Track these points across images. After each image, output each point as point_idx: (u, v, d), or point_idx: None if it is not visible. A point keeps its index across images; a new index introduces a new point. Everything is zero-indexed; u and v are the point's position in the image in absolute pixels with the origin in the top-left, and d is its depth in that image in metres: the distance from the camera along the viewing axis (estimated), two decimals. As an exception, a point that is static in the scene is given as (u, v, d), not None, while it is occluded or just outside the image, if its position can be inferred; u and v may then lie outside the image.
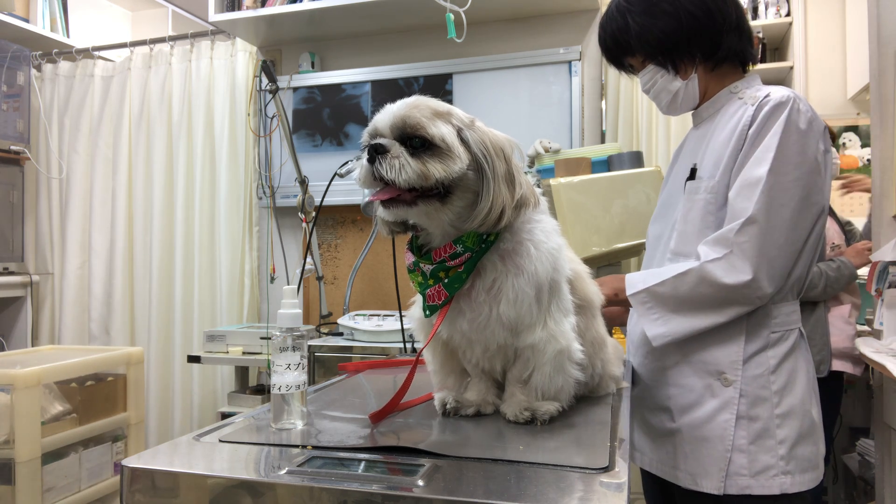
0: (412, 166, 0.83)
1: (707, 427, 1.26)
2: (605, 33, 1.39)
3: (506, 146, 0.90)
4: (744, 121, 1.24)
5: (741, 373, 1.25)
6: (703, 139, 1.36)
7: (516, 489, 0.66)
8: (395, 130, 0.86)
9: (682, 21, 1.30)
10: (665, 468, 1.34)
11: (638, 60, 1.39)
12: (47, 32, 3.72)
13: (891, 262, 1.98)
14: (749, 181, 1.19)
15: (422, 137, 0.85)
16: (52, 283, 3.64)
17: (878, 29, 2.05)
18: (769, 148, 1.18)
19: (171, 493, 0.74)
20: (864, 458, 2.47)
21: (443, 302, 0.91)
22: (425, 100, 0.89)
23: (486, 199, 0.86)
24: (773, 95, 1.22)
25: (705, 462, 1.25)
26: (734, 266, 1.17)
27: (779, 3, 3.34)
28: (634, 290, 1.26)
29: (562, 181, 2.18)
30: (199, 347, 3.17)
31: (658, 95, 1.40)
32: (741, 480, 1.22)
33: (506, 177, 0.88)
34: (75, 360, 2.29)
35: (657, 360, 1.35)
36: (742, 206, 1.19)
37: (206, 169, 3.36)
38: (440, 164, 0.84)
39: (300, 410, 0.91)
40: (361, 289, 3.19)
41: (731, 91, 1.35)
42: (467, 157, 0.87)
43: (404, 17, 3.06)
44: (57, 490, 2.19)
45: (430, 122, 0.85)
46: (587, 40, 3.00)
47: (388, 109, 0.88)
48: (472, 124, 0.90)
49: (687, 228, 1.30)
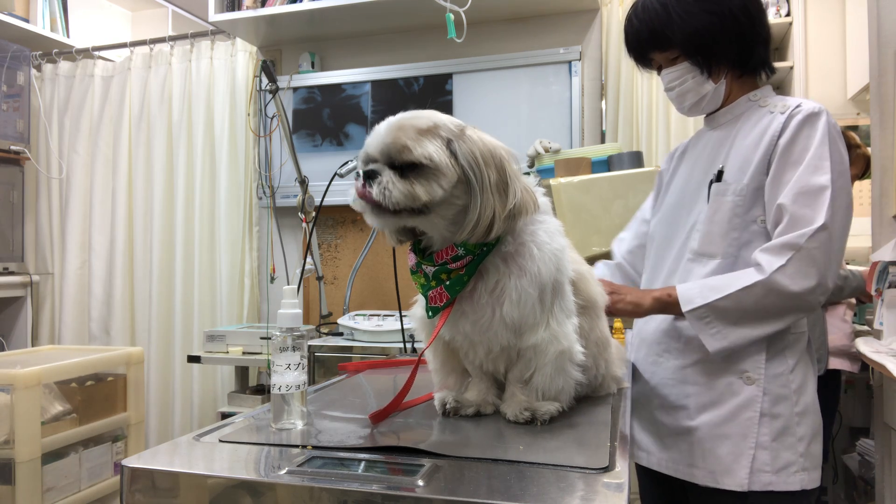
0: (399, 189, 0.85)
1: (728, 425, 1.27)
2: (641, 23, 1.36)
3: (498, 154, 0.88)
4: (773, 128, 1.26)
5: (764, 371, 1.27)
6: (723, 143, 1.36)
7: (517, 489, 0.66)
8: (384, 156, 0.87)
9: (726, 22, 1.30)
10: (679, 467, 1.33)
11: (666, 57, 1.37)
12: (47, 32, 3.72)
13: (891, 262, 1.98)
14: (810, 189, 1.19)
15: (410, 162, 0.85)
16: (52, 283, 3.64)
17: (878, 29, 2.05)
18: (822, 157, 1.20)
19: (171, 493, 0.74)
20: (864, 458, 2.47)
21: (444, 304, 0.91)
22: (411, 118, 0.88)
23: (474, 211, 0.86)
24: (805, 106, 1.25)
25: (726, 459, 1.26)
26: (801, 272, 1.17)
27: (779, 3, 3.34)
28: (693, 306, 1.23)
29: (562, 181, 2.18)
30: (199, 347, 3.17)
31: (684, 95, 1.38)
32: (764, 477, 1.24)
33: (497, 186, 0.87)
34: (75, 360, 2.29)
35: (675, 359, 1.36)
36: (804, 213, 1.19)
37: (206, 169, 3.36)
38: (427, 184, 0.86)
39: (300, 410, 0.91)
40: (361, 289, 3.19)
41: (749, 99, 1.37)
42: (457, 170, 0.86)
43: (404, 17, 3.06)
44: (57, 490, 2.19)
45: (416, 143, 0.85)
46: (587, 40, 3.00)
47: (376, 132, 0.89)
48: (461, 134, 0.88)
49: (713, 229, 1.31)
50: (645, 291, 1.32)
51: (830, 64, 3.38)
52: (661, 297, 1.29)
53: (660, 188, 1.56)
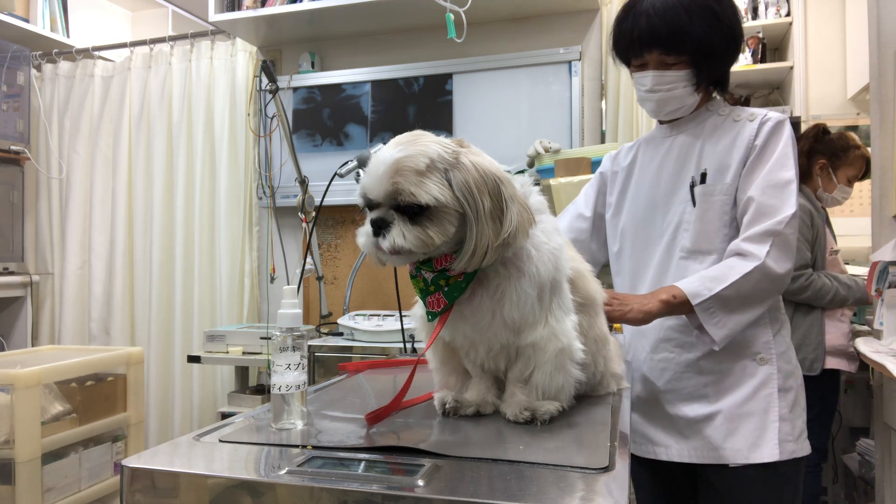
0: (413, 237, 0.85)
1: (749, 404, 1.37)
2: (661, 21, 1.35)
3: (492, 178, 0.86)
4: (748, 135, 1.38)
5: (773, 350, 1.39)
6: (690, 149, 1.44)
7: (517, 489, 0.66)
8: (387, 200, 0.85)
9: (731, 43, 1.39)
10: (703, 452, 1.39)
11: (663, 60, 1.38)
12: (47, 32, 3.72)
13: (891, 262, 1.98)
14: (779, 182, 1.33)
15: (416, 205, 0.84)
16: (52, 283, 3.64)
17: (878, 29, 2.06)
18: (788, 156, 1.35)
19: (171, 493, 0.74)
20: (864, 458, 2.47)
21: (442, 309, 0.91)
22: (406, 158, 0.84)
23: (470, 242, 0.85)
24: (772, 115, 1.40)
25: (752, 435, 1.35)
26: (783, 256, 1.30)
27: (779, 3, 3.34)
28: (702, 299, 1.29)
29: (562, 181, 2.19)
30: (199, 347, 3.17)
31: (667, 101, 1.41)
32: (789, 446, 1.36)
33: (491, 214, 0.85)
34: (75, 360, 2.29)
35: (684, 354, 1.42)
36: (774, 203, 1.31)
37: (206, 169, 3.36)
38: (439, 225, 0.85)
39: (300, 410, 0.91)
40: (361, 289, 3.19)
41: (707, 108, 1.46)
42: (454, 202, 0.85)
43: (404, 17, 3.06)
44: (57, 490, 2.19)
45: (419, 187, 0.83)
46: (587, 40, 3.00)
47: (373, 174, 0.86)
48: (456, 162, 0.86)
49: (706, 228, 1.39)
50: (648, 297, 1.34)
51: (830, 64, 3.38)
52: (668, 299, 1.31)
53: (610, 188, 1.60)
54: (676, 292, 1.31)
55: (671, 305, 1.31)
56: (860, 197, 3.25)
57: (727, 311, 1.30)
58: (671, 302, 1.31)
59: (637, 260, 1.51)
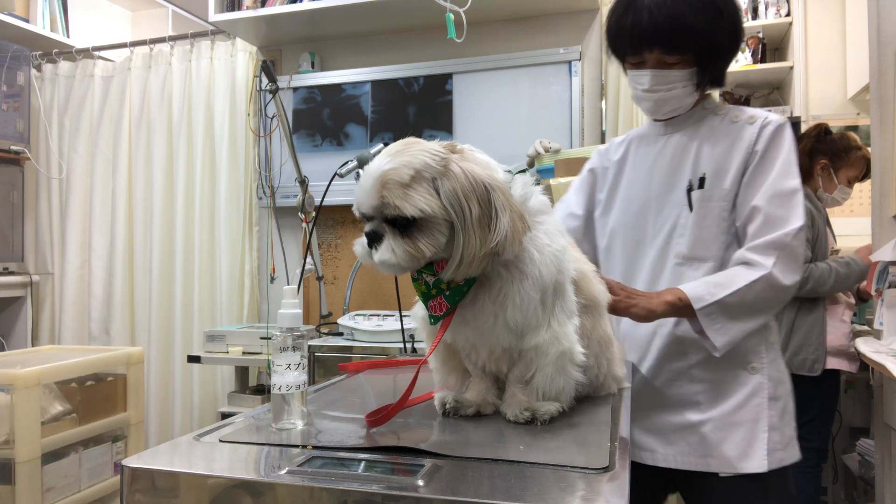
0: (402, 250, 0.85)
1: (740, 413, 1.35)
2: (665, 19, 1.29)
3: (481, 186, 0.84)
4: (748, 138, 1.35)
5: (765, 359, 1.38)
6: (686, 150, 1.41)
7: (517, 489, 0.66)
8: (377, 213, 0.86)
9: (733, 44, 1.37)
10: (688, 459, 1.38)
11: (663, 59, 1.33)
12: (47, 32, 3.72)
13: (891, 262, 1.98)
14: (784, 192, 1.31)
15: (404, 217, 0.84)
16: (52, 283, 3.64)
17: (878, 29, 2.05)
18: (791, 162, 1.33)
19: (171, 493, 0.74)
20: (864, 458, 2.47)
21: (444, 313, 0.91)
22: (391, 171, 0.83)
23: (457, 250, 0.84)
24: (772, 118, 1.36)
25: (741, 445, 1.34)
26: (790, 267, 1.28)
27: (779, 3, 3.34)
28: (705, 304, 1.28)
29: (562, 181, 2.18)
30: (199, 347, 3.17)
31: (666, 101, 1.38)
32: (777, 455, 1.34)
33: (479, 221, 0.83)
34: (75, 360, 2.29)
35: (677, 361, 1.40)
36: (781, 214, 1.29)
37: (206, 169, 3.36)
38: (429, 237, 0.85)
39: (300, 410, 0.91)
40: (361, 289, 3.19)
41: (704, 107, 1.43)
42: (442, 211, 0.84)
43: (404, 17, 3.06)
44: (57, 490, 2.19)
45: (404, 200, 0.83)
46: (587, 40, 3.00)
47: (362, 188, 0.86)
48: (445, 170, 0.84)
49: (703, 234, 1.37)
50: (654, 297, 1.33)
51: (830, 64, 3.38)
52: (673, 301, 1.30)
53: (600, 184, 1.55)
54: (682, 295, 1.29)
55: (676, 308, 1.30)
56: (860, 197, 3.25)
57: (729, 318, 1.28)
58: (676, 304, 1.30)
59: (628, 261, 1.48)
